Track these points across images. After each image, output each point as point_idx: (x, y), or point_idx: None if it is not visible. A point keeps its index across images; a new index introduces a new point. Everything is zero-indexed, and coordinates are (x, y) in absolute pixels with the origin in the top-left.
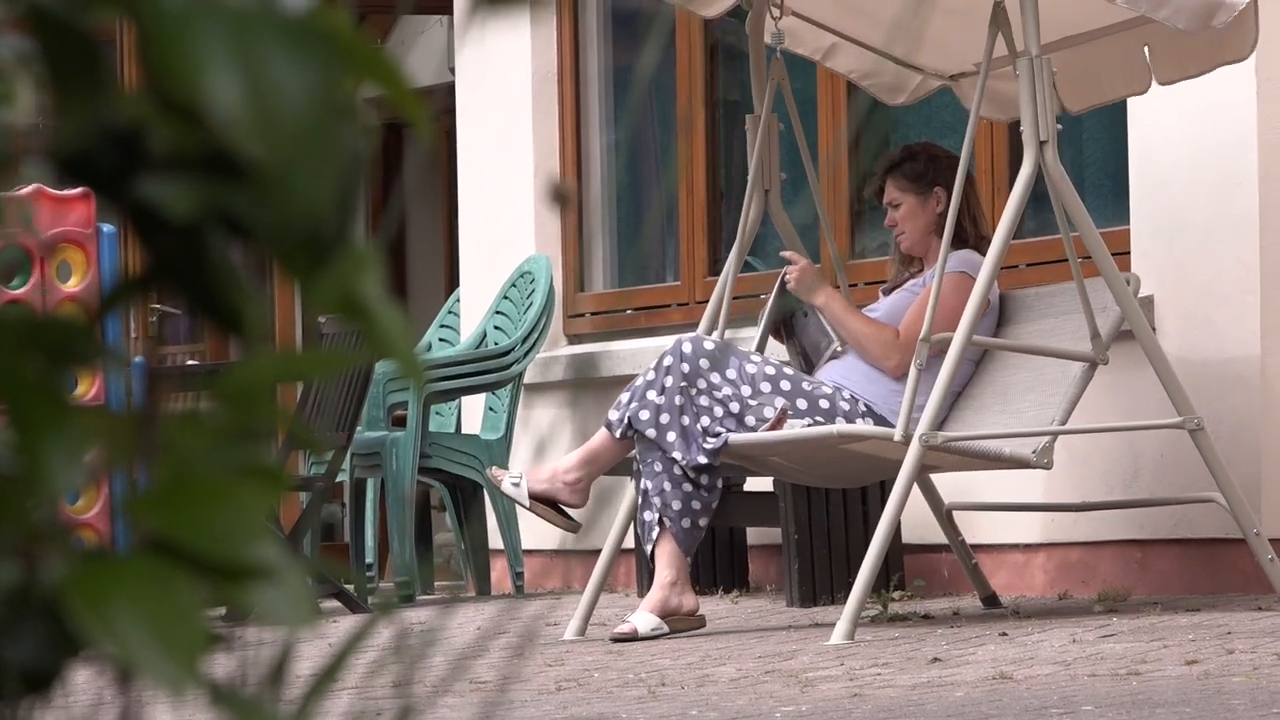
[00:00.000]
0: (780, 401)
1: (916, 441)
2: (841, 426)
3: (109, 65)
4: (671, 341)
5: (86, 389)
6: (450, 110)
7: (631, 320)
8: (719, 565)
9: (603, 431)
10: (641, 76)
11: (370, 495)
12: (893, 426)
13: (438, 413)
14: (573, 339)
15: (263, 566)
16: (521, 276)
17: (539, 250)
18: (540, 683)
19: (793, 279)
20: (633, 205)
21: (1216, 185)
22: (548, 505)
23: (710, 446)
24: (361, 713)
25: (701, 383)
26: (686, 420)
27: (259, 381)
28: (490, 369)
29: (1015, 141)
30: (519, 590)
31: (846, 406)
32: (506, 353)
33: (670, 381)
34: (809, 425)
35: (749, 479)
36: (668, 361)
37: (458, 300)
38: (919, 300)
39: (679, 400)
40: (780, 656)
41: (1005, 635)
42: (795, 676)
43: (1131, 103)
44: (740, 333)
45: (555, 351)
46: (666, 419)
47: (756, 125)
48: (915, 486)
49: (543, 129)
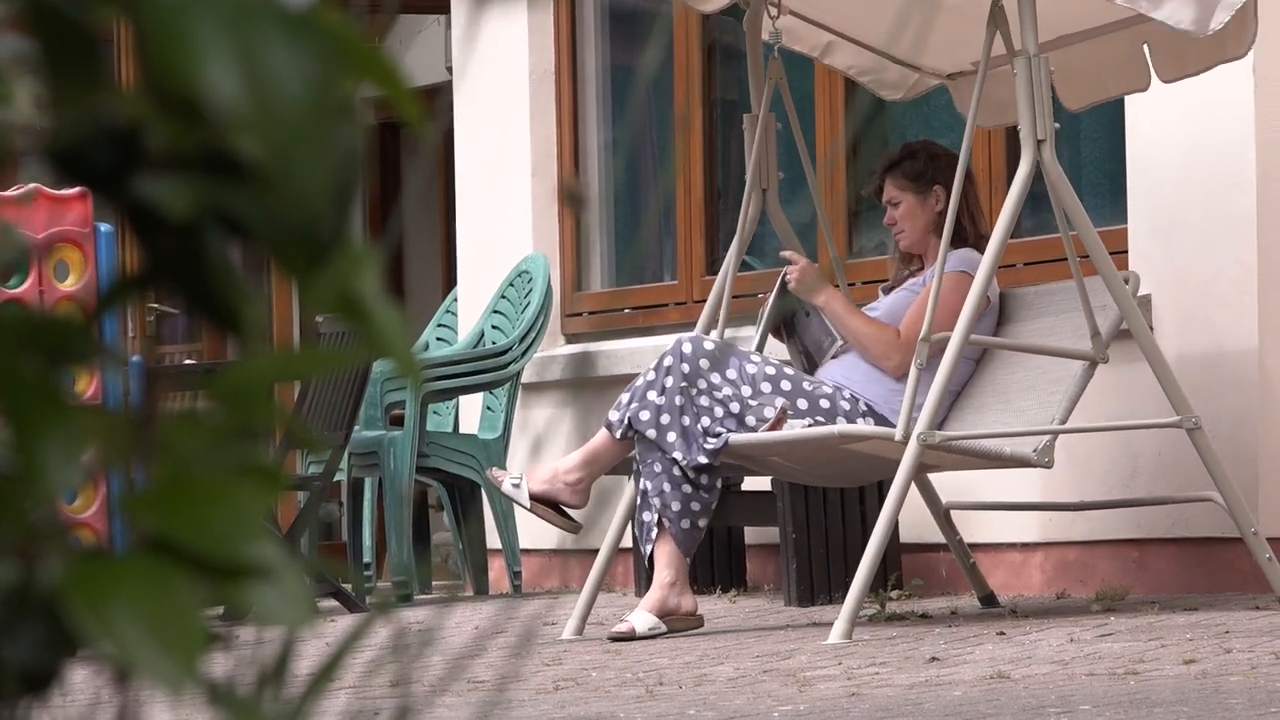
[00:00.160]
0: (780, 401)
1: (915, 441)
2: (842, 426)
3: (107, 63)
4: (670, 341)
5: (84, 388)
6: (448, 109)
7: (629, 320)
8: (717, 564)
9: (603, 432)
10: (643, 77)
11: (368, 494)
12: (894, 426)
13: (435, 412)
14: (570, 338)
15: (260, 566)
16: (519, 276)
17: (536, 249)
18: (538, 682)
19: (793, 279)
20: (630, 204)
21: (1214, 184)
22: (548, 506)
23: (711, 447)
24: (359, 712)
25: (702, 383)
26: (687, 420)
27: (257, 381)
28: (488, 368)
29: (1013, 140)
30: (517, 590)
31: (847, 406)
32: (504, 352)
33: (670, 382)
34: (809, 425)
35: (746, 479)
36: (668, 362)
37: (455, 299)
38: (919, 300)
39: (679, 400)
40: (778, 656)
41: (1003, 634)
42: (793, 676)
43: (1129, 102)
44: (740, 332)
45: (553, 351)
46: (667, 419)
47: (754, 124)
48: (913, 486)
49: (540, 128)
